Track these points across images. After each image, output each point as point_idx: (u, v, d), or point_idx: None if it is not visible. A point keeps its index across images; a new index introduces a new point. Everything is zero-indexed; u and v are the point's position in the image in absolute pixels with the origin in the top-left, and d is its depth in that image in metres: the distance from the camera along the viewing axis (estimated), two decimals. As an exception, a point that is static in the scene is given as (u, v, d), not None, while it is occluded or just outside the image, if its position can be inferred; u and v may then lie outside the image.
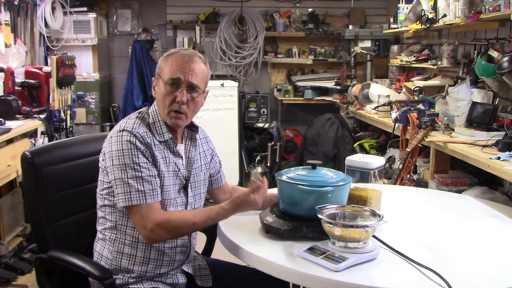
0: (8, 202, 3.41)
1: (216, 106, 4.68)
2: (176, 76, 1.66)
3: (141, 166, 1.60)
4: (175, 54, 1.71)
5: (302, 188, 1.59)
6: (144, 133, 1.65)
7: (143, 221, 1.60)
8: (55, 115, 3.77)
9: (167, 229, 1.61)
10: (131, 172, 1.59)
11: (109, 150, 1.63)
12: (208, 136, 1.96)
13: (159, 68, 1.72)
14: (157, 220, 1.59)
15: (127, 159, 1.60)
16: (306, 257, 1.43)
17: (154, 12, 5.78)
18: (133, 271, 1.70)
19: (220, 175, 1.98)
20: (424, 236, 1.68)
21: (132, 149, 1.60)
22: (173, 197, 1.71)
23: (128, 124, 1.66)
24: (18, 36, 4.20)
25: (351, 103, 4.80)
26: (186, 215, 1.67)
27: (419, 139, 3.07)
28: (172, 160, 1.72)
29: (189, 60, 1.69)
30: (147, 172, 1.61)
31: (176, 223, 1.62)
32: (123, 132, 1.63)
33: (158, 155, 1.67)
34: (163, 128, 1.71)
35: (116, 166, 1.60)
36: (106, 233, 1.72)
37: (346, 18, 5.78)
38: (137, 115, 1.72)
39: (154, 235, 1.60)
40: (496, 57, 3.03)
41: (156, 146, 1.67)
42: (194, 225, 1.64)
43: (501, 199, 2.73)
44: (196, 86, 1.70)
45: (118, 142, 1.62)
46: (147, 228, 1.59)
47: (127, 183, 1.59)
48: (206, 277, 1.85)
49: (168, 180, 1.69)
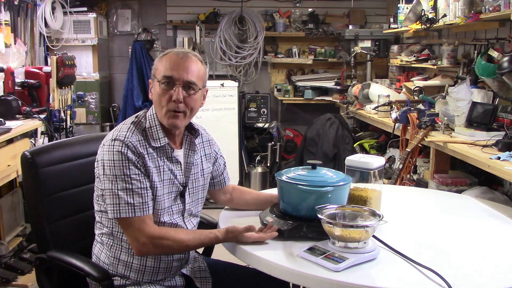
0: (8, 202, 3.40)
1: (216, 106, 4.68)
2: (170, 74, 1.63)
3: (132, 178, 1.57)
4: (169, 53, 1.68)
5: (302, 188, 1.59)
6: (137, 142, 1.60)
7: (135, 234, 1.57)
8: (55, 115, 3.77)
9: (159, 246, 1.59)
10: (121, 184, 1.56)
11: (101, 158, 1.61)
12: (213, 139, 1.91)
13: (154, 68, 1.69)
14: (151, 235, 1.57)
15: (118, 171, 1.56)
16: (306, 257, 1.43)
17: (154, 12, 5.78)
18: (130, 277, 1.68)
19: (223, 177, 1.94)
20: (424, 236, 1.68)
21: (123, 160, 1.56)
22: (167, 205, 1.68)
23: (121, 132, 1.61)
24: (18, 36, 4.20)
25: (351, 103, 4.80)
26: (180, 237, 1.62)
27: (419, 139, 3.07)
28: (168, 167, 1.67)
29: (184, 57, 1.66)
30: (137, 184, 1.57)
31: (170, 242, 1.59)
32: (115, 142, 1.58)
33: (151, 164, 1.62)
34: (160, 133, 1.66)
35: (107, 176, 1.57)
36: (103, 238, 1.71)
37: (346, 18, 5.77)
38: (133, 120, 1.67)
39: (145, 249, 1.58)
40: (496, 57, 3.03)
41: (150, 154, 1.62)
42: (187, 247, 1.66)
43: (501, 199, 2.72)
44: (192, 83, 1.65)
45: (110, 151, 1.58)
46: (139, 242, 1.57)
47: (117, 195, 1.56)
48: (206, 279, 1.82)
49: (162, 189, 1.65)
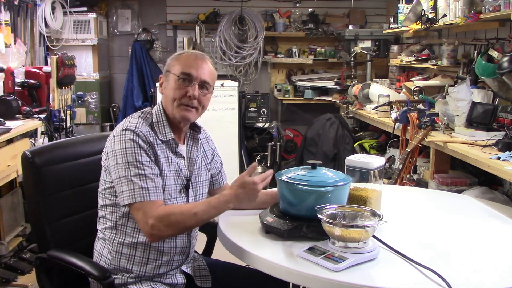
0: (8, 202, 3.41)
1: (216, 106, 4.67)
2: (189, 71, 1.71)
3: (144, 164, 1.62)
4: (187, 53, 1.79)
5: (302, 188, 1.59)
6: (147, 132, 1.67)
7: (145, 217, 1.59)
8: (55, 115, 3.77)
9: (168, 223, 1.60)
10: (134, 170, 1.60)
11: (112, 149, 1.65)
12: (209, 136, 1.97)
13: (169, 65, 1.76)
14: (158, 215, 1.59)
15: (130, 157, 1.61)
16: (306, 257, 1.43)
17: (154, 12, 5.79)
18: (132, 271, 1.70)
19: (221, 175, 1.98)
20: (424, 236, 1.68)
21: (135, 147, 1.62)
22: (173, 196, 1.72)
23: (131, 123, 1.67)
24: (18, 36, 4.20)
25: (351, 103, 4.80)
26: (186, 206, 1.68)
27: (419, 139, 3.07)
28: (174, 160, 1.73)
29: (202, 58, 1.76)
30: (149, 171, 1.62)
31: (177, 216, 1.61)
32: (126, 131, 1.64)
33: (160, 154, 1.68)
34: (166, 128, 1.73)
35: (120, 165, 1.62)
36: (106, 232, 1.73)
37: (346, 18, 5.77)
38: (139, 115, 1.73)
39: (156, 231, 1.59)
40: (496, 57, 3.03)
41: (158, 145, 1.69)
42: (196, 215, 1.61)
43: (501, 199, 2.72)
44: (207, 83, 1.75)
45: (121, 141, 1.63)
46: (148, 224, 1.58)
47: (131, 181, 1.60)
48: (205, 277, 1.85)
49: (170, 179, 1.70)
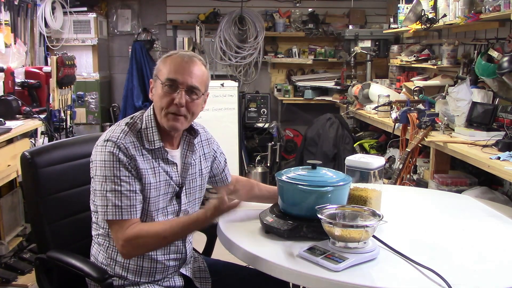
0: (8, 202, 3.40)
1: (216, 106, 4.68)
2: (174, 77, 1.60)
3: (122, 179, 1.55)
4: (174, 55, 1.66)
5: (302, 188, 1.59)
6: (130, 143, 1.59)
7: (116, 236, 1.56)
8: (55, 115, 3.77)
9: (136, 245, 1.56)
10: (111, 185, 1.55)
11: (94, 159, 1.60)
12: (211, 137, 1.90)
13: (157, 69, 1.67)
14: (126, 237, 1.54)
15: (108, 171, 1.55)
16: (306, 257, 1.43)
17: (154, 12, 5.78)
18: (128, 278, 1.67)
19: (225, 174, 1.93)
20: (424, 236, 1.68)
21: (114, 161, 1.55)
22: (162, 206, 1.67)
23: (114, 132, 1.60)
24: (18, 36, 4.20)
25: (351, 103, 4.80)
26: (156, 230, 1.58)
27: (419, 139, 3.07)
28: (163, 169, 1.66)
29: (189, 60, 1.63)
30: (126, 187, 1.56)
31: (145, 239, 1.56)
32: (108, 142, 1.57)
33: (145, 166, 1.60)
34: (155, 135, 1.64)
35: (98, 177, 1.57)
36: (99, 239, 1.70)
37: (346, 18, 5.77)
38: (127, 121, 1.66)
39: (126, 251, 1.57)
40: (496, 57, 3.03)
41: (144, 156, 1.61)
42: (165, 239, 1.60)
43: (501, 199, 2.72)
44: (195, 88, 1.63)
45: (102, 152, 1.57)
46: (119, 243, 1.56)
47: (105, 196, 1.55)
48: (205, 279, 1.82)
49: (157, 190, 1.64)
